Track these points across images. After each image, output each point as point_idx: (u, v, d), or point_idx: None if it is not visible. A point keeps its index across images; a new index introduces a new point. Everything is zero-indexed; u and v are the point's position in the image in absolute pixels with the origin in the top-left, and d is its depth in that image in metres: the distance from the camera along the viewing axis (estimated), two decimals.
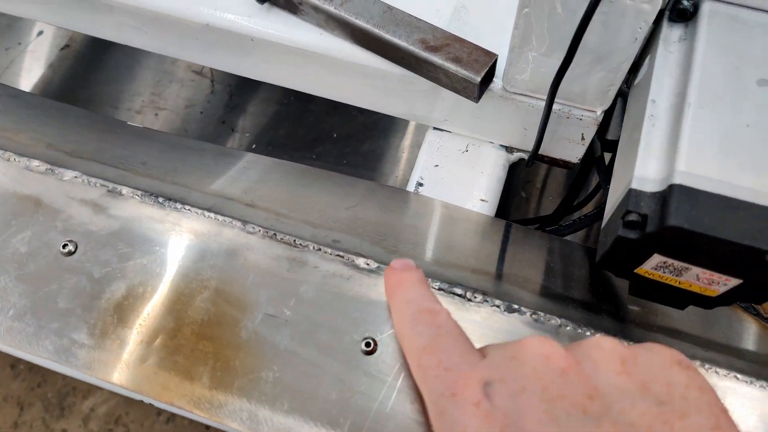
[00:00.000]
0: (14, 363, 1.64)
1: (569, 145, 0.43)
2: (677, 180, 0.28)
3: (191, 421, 1.23)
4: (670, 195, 0.27)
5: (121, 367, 0.34)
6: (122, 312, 0.35)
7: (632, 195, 0.29)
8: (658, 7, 0.31)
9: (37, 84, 0.80)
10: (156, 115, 0.73)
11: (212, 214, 0.37)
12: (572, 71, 0.36)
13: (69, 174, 0.39)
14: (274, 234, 0.37)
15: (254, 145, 0.67)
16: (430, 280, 0.35)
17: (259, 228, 0.37)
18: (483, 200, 0.44)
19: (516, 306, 0.34)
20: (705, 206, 0.27)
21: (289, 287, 0.35)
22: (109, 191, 0.38)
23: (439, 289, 0.35)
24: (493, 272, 0.38)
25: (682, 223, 0.27)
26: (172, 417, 1.55)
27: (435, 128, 0.47)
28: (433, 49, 0.38)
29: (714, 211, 0.27)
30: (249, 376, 0.33)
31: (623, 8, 0.31)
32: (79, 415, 1.63)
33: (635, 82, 0.36)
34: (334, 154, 0.69)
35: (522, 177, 0.67)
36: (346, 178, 0.44)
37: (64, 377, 1.61)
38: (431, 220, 0.41)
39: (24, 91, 0.47)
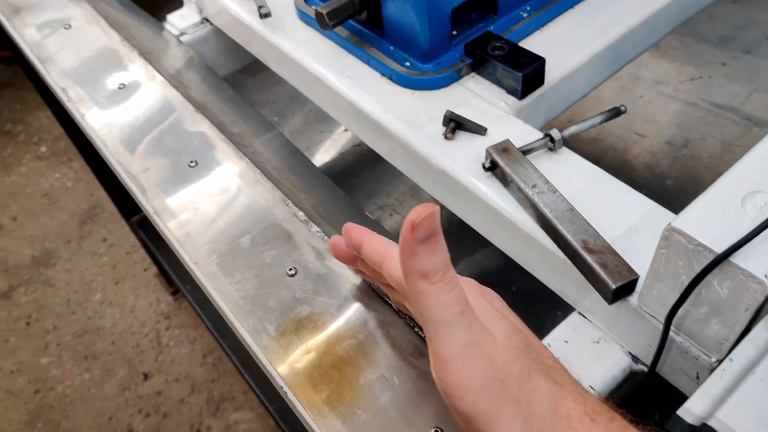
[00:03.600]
0: (206, 353, 1.98)
1: (685, 377, 0.49)
2: (711, 422, 0.34)
3: None
4: (700, 431, 0.34)
5: (281, 358, 0.49)
6: (299, 326, 0.51)
7: (675, 419, 0.35)
8: (766, 293, 0.38)
9: (326, 163, 1.07)
10: (391, 215, 0.93)
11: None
12: (693, 313, 0.43)
13: (315, 228, 0.58)
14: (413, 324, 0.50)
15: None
16: None
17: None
18: (591, 387, 0.51)
19: None
20: None
21: (405, 364, 0.47)
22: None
23: None
24: None
25: None
26: None
27: (579, 313, 0.56)
28: (590, 251, 0.49)
29: None
30: (350, 408, 0.46)
31: (737, 280, 0.39)
32: (225, 422, 1.87)
33: None
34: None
35: None
36: None
37: (232, 383, 1.88)
38: None
39: (316, 167, 0.68)
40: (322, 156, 1.08)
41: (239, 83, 1.13)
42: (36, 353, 2.09)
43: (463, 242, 0.91)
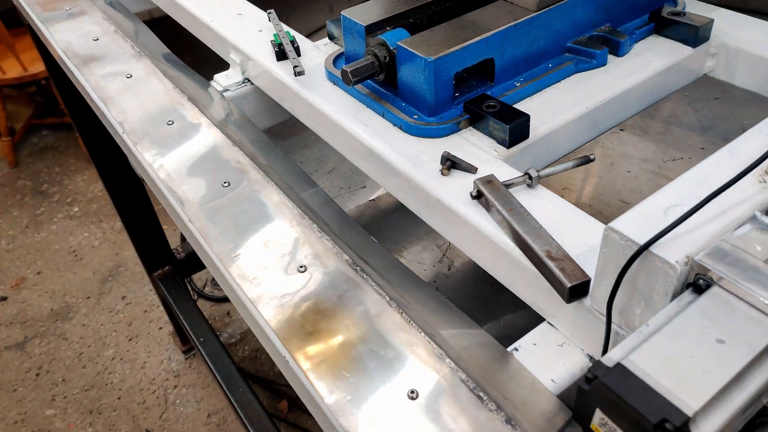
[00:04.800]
0: (211, 413, 2.03)
1: None
2: (625, 363, 0.44)
3: None
4: (615, 369, 0.44)
5: (288, 333, 0.60)
6: (306, 310, 0.62)
7: (598, 363, 0.45)
8: (678, 273, 0.49)
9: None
10: (404, 258, 1.05)
11: (380, 290, 0.63)
12: (631, 307, 0.54)
13: (326, 238, 0.70)
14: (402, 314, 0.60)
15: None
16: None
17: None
18: (553, 381, 0.61)
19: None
20: (630, 382, 0.42)
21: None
22: (348, 261, 0.68)
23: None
24: None
25: (610, 384, 0.42)
26: None
27: (548, 322, 0.66)
28: (552, 259, 0.60)
29: (634, 387, 0.42)
30: (341, 372, 0.56)
31: (656, 267, 0.50)
32: None
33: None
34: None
35: None
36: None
37: None
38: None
39: (329, 196, 0.81)
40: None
41: None
42: (42, 405, 2.16)
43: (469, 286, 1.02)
